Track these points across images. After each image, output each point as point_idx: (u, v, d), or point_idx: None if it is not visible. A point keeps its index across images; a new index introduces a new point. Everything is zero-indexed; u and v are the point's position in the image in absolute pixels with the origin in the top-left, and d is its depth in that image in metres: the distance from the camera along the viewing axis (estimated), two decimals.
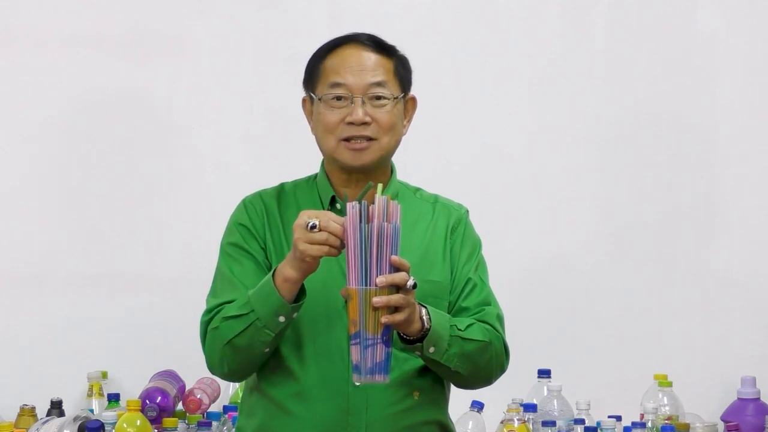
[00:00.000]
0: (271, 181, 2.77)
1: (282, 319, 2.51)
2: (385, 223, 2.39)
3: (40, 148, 3.99)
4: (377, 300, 2.38)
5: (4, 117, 4.00)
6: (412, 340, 2.52)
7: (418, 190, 2.77)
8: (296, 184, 2.74)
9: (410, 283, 2.41)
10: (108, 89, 4.00)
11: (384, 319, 2.39)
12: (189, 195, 4.03)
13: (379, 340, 2.39)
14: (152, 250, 4.01)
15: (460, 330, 2.57)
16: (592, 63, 4.09)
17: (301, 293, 2.53)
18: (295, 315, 2.52)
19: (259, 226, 2.67)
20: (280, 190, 2.72)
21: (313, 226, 2.43)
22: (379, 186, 2.46)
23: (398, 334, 2.50)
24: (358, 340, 2.39)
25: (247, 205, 2.70)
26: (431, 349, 2.53)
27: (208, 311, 2.61)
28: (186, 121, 4.04)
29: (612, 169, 4.09)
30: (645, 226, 4.07)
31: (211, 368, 2.63)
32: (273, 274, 2.51)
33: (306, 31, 4.03)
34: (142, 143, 4.02)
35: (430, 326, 2.51)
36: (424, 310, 2.51)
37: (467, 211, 2.76)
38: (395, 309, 2.41)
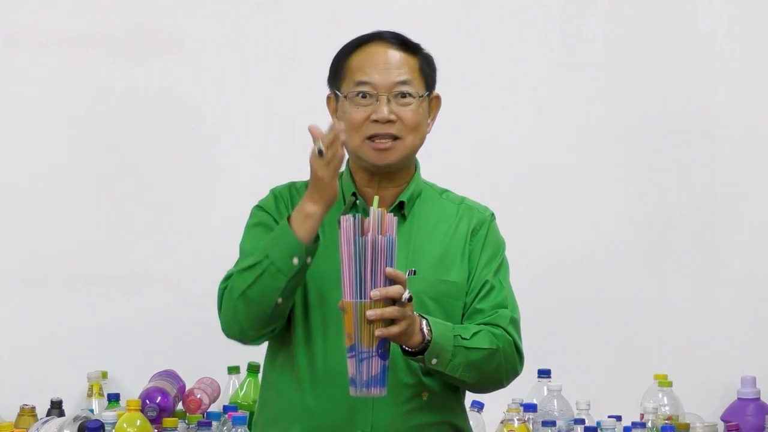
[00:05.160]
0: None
1: (296, 261, 2.49)
2: (380, 236, 2.38)
3: (41, 149, 3.99)
4: (371, 313, 2.37)
5: (5, 118, 4.00)
6: (414, 352, 2.51)
7: (445, 191, 2.77)
8: None
9: (405, 296, 2.40)
10: (108, 89, 4.00)
11: (378, 333, 2.38)
12: (188, 194, 4.02)
13: (374, 354, 2.39)
14: (153, 251, 4.00)
15: (464, 339, 2.57)
16: (592, 62, 4.09)
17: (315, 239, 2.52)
18: (309, 260, 2.51)
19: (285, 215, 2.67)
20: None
21: (320, 151, 2.44)
22: (376, 198, 2.47)
23: (400, 346, 2.49)
24: (353, 353, 2.39)
25: (276, 196, 2.70)
26: (434, 361, 2.52)
27: (225, 278, 2.61)
28: (186, 121, 4.04)
29: (610, 170, 4.09)
30: (644, 226, 4.07)
31: (227, 331, 2.60)
32: (288, 218, 2.51)
33: (306, 31, 4.04)
34: (141, 143, 4.02)
35: (431, 338, 2.50)
36: (424, 322, 2.51)
37: (492, 214, 2.75)
38: (391, 322, 2.40)
